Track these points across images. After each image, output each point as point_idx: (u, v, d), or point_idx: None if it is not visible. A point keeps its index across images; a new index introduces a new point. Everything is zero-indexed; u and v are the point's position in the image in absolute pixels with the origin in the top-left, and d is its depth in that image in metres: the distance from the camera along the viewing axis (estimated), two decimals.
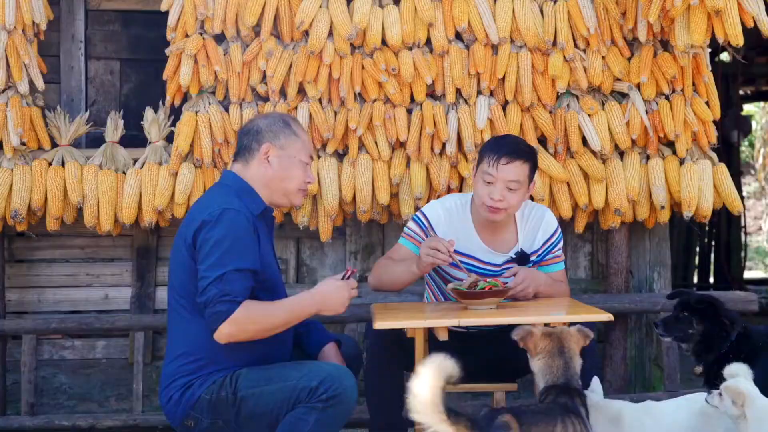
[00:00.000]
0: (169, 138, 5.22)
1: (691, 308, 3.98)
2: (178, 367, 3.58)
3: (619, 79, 5.17)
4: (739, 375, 3.49)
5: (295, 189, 3.75)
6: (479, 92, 5.13)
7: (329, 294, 3.55)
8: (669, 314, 4.08)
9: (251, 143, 3.72)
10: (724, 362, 3.82)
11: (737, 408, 3.37)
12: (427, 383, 2.82)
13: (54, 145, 5.25)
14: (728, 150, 10.26)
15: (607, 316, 3.52)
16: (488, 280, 3.80)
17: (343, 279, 3.60)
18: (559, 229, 4.23)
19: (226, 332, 3.40)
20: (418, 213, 4.20)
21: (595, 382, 3.63)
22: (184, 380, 3.56)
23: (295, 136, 3.75)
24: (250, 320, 3.41)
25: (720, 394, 3.42)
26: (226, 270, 3.40)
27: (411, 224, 4.18)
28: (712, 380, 3.91)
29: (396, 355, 3.93)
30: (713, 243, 11.06)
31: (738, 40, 4.70)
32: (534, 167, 4.07)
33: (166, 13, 5.13)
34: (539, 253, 4.17)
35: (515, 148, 4.03)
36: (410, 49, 5.08)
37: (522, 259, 4.13)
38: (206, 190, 3.91)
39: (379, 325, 3.48)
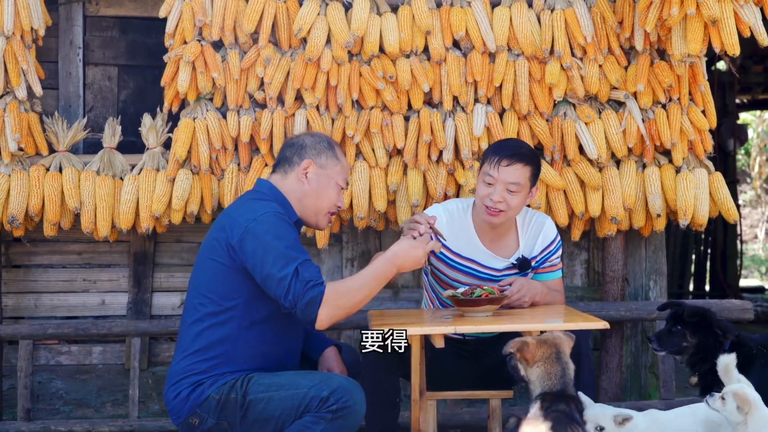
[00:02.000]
0: (167, 144, 5.22)
1: (684, 321, 3.99)
2: (190, 365, 3.60)
3: (615, 88, 5.18)
4: (730, 370, 3.51)
5: (325, 209, 3.83)
6: (476, 100, 5.14)
7: (402, 251, 3.59)
8: (662, 328, 4.10)
9: (293, 156, 3.81)
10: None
11: (741, 415, 3.38)
12: None
13: (52, 150, 5.25)
14: (724, 158, 10.28)
15: (603, 324, 3.53)
16: (485, 287, 3.81)
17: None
18: (559, 238, 4.24)
19: (324, 314, 3.42)
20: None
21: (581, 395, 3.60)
22: (195, 378, 3.58)
23: (336, 159, 3.84)
24: (341, 296, 3.45)
25: (722, 398, 3.43)
26: (297, 263, 3.45)
27: None
28: (708, 390, 3.93)
29: (392, 362, 3.94)
30: (709, 251, 11.06)
31: (734, 49, 4.72)
32: (536, 172, 4.09)
33: (165, 19, 5.13)
34: (537, 259, 4.18)
35: (517, 150, 4.05)
36: (408, 56, 5.09)
37: (523, 265, 4.14)
38: (241, 196, 3.94)
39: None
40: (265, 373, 3.58)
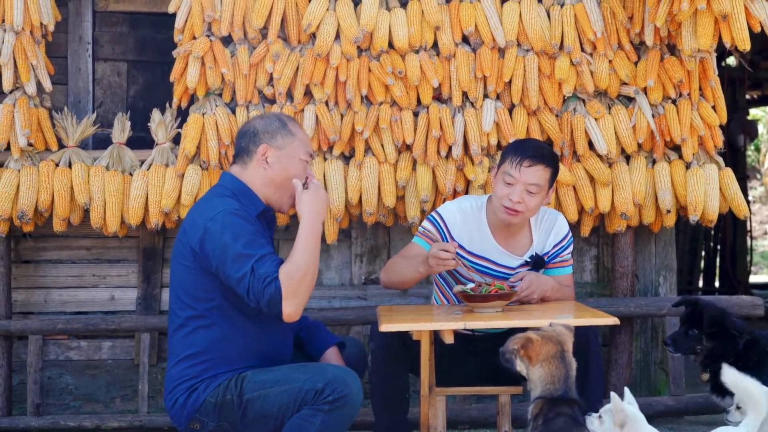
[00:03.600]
0: (176, 140, 5.23)
1: (701, 326, 3.96)
2: (181, 371, 3.59)
3: (625, 83, 5.17)
4: (738, 381, 3.46)
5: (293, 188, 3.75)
6: (486, 95, 5.13)
7: (313, 203, 3.61)
8: (678, 330, 4.07)
9: (248, 145, 3.74)
10: None
11: None
12: None
13: (61, 146, 5.26)
14: (734, 154, 10.24)
15: (613, 320, 3.52)
16: (496, 283, 3.81)
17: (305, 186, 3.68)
18: (570, 234, 4.24)
19: (289, 307, 3.40)
20: (433, 213, 4.20)
21: (627, 394, 3.36)
22: (189, 383, 3.57)
23: (292, 135, 3.76)
24: (296, 280, 3.40)
25: None
26: (253, 261, 3.41)
27: (426, 224, 4.19)
28: (720, 387, 3.92)
29: (401, 358, 3.94)
30: (719, 247, 11.04)
31: (745, 44, 4.71)
32: (555, 174, 4.09)
33: (174, 15, 5.14)
34: (549, 255, 4.18)
35: (539, 152, 4.04)
36: (417, 52, 5.08)
37: (537, 263, 4.13)
38: (205, 194, 3.92)
39: (385, 327, 3.48)
40: (258, 369, 3.55)
